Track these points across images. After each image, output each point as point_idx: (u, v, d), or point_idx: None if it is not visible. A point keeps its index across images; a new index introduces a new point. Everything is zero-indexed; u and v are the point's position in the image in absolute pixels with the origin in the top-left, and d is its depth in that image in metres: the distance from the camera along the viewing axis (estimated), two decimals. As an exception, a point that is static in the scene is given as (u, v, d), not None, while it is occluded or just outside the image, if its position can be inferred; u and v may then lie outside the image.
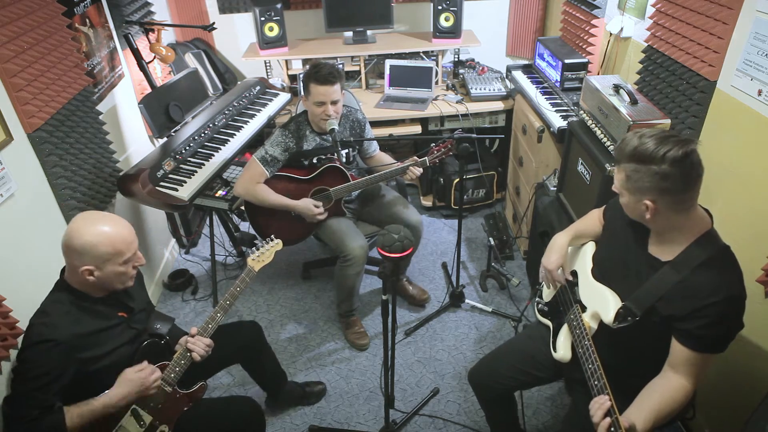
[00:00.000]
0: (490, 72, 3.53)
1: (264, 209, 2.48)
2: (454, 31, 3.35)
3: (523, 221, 3.01)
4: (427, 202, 3.59)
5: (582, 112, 2.23)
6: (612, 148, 1.95)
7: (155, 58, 2.88)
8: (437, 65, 3.53)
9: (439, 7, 3.30)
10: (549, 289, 1.81)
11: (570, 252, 1.74)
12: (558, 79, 2.76)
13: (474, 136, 2.44)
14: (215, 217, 3.02)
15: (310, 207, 2.42)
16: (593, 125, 2.14)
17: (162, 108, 2.69)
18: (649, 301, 1.36)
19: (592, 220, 1.73)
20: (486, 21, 3.67)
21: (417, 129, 3.26)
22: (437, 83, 3.53)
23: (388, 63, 3.40)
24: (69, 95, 2.18)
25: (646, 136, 1.27)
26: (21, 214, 1.84)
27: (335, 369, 2.51)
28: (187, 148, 2.64)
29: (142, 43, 2.89)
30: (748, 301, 1.32)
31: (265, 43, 3.32)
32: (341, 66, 3.48)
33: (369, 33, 3.47)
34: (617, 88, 2.04)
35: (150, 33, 2.86)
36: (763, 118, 1.64)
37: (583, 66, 2.70)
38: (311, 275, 3.08)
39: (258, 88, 3.28)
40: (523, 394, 2.13)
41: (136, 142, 2.90)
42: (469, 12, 3.49)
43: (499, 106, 3.27)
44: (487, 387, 1.84)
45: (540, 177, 2.71)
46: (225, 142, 2.81)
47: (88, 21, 2.48)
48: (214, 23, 3.00)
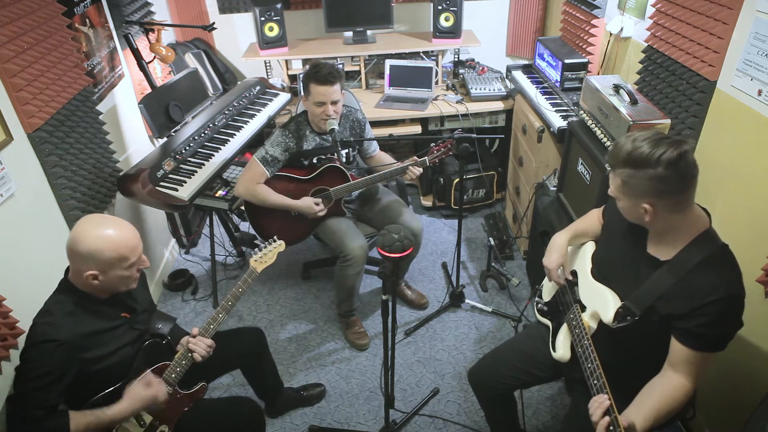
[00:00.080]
0: (490, 72, 3.53)
1: (264, 209, 2.48)
2: (454, 31, 3.35)
3: (523, 221, 3.01)
4: (427, 202, 3.59)
5: (582, 112, 2.24)
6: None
7: (155, 58, 2.88)
8: (437, 65, 3.53)
9: (439, 7, 3.30)
10: (549, 289, 1.81)
11: (570, 252, 1.74)
12: (558, 79, 2.76)
13: (474, 136, 2.44)
14: (215, 217, 3.02)
15: (310, 205, 2.43)
16: (593, 125, 2.14)
17: (162, 108, 2.69)
18: (649, 301, 1.37)
19: (591, 219, 1.73)
20: (486, 21, 3.67)
21: (417, 129, 3.27)
22: (437, 83, 3.53)
23: (388, 63, 3.40)
24: (69, 95, 2.18)
25: (639, 139, 1.27)
26: (21, 214, 1.84)
27: (335, 369, 2.51)
28: (187, 148, 2.64)
29: (142, 43, 2.89)
30: (748, 301, 1.32)
31: (265, 43, 3.32)
32: (341, 66, 3.48)
33: (369, 33, 3.47)
34: (617, 88, 2.04)
35: (150, 33, 2.86)
36: (763, 118, 1.64)
37: (583, 66, 2.70)
38: (311, 275, 3.08)
39: (258, 88, 3.28)
40: (523, 393, 2.13)
41: (136, 142, 2.90)
42: (469, 12, 3.49)
43: (499, 106, 3.27)
44: (487, 387, 1.84)
45: (540, 177, 2.71)
46: (225, 142, 2.81)
47: (88, 21, 2.48)
48: (214, 23, 3.00)
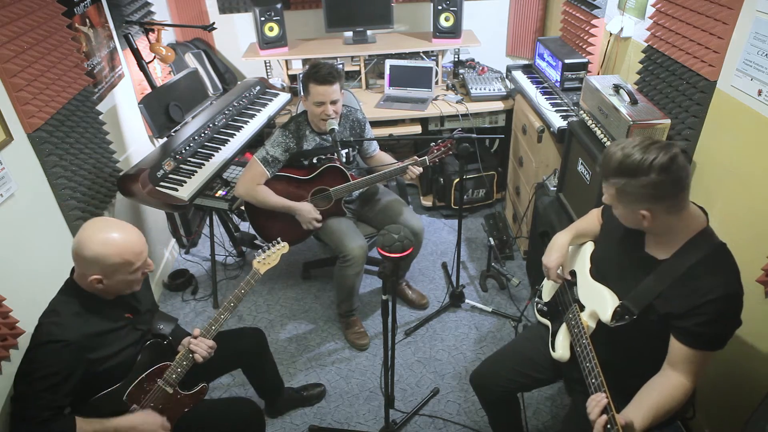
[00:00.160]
0: (490, 72, 3.53)
1: (264, 209, 2.48)
2: (454, 31, 3.35)
3: (523, 221, 3.00)
4: (427, 202, 3.59)
5: (582, 112, 2.23)
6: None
7: (155, 58, 2.88)
8: (437, 65, 3.53)
9: (439, 7, 3.30)
10: (548, 289, 1.81)
11: (570, 251, 1.74)
12: (558, 79, 2.76)
13: (474, 136, 2.44)
14: (215, 217, 3.02)
15: (309, 211, 2.42)
16: (593, 125, 2.14)
17: (162, 108, 2.69)
18: (646, 300, 1.37)
19: (591, 219, 1.74)
20: (486, 21, 3.67)
21: (417, 129, 3.26)
22: (437, 83, 3.53)
23: (388, 63, 3.40)
24: (69, 95, 2.18)
25: (628, 147, 1.27)
26: (21, 214, 1.84)
27: (335, 369, 2.51)
28: (187, 148, 2.64)
29: (142, 43, 2.89)
30: (747, 301, 1.32)
31: (265, 43, 3.32)
32: (341, 66, 3.48)
33: (369, 33, 3.47)
34: (617, 88, 2.04)
35: (150, 33, 2.86)
36: (763, 118, 1.64)
37: (583, 66, 2.70)
38: (311, 275, 3.08)
39: (258, 88, 3.28)
40: (524, 395, 2.13)
41: (136, 142, 2.90)
42: (469, 12, 3.49)
43: (499, 106, 3.27)
44: (488, 389, 1.84)
45: (540, 177, 2.71)
46: (225, 142, 2.81)
47: (88, 21, 2.48)
48: (214, 23, 3.00)
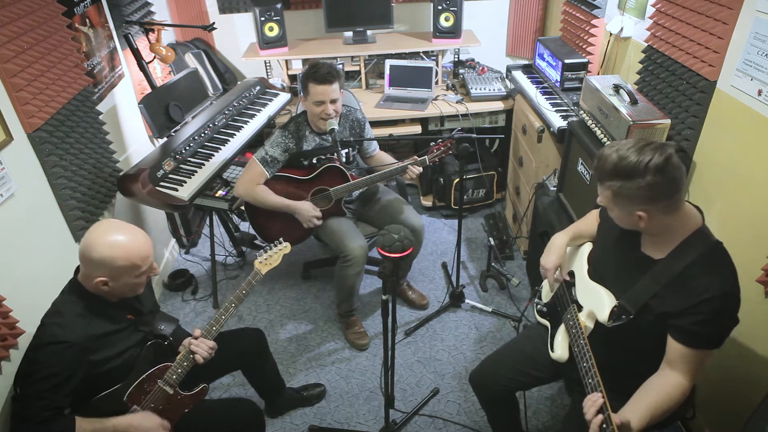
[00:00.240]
0: (490, 72, 3.53)
1: (264, 209, 2.48)
2: (454, 31, 3.35)
3: (523, 221, 3.00)
4: (427, 202, 3.59)
5: (582, 112, 2.23)
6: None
7: (155, 58, 2.88)
8: (437, 65, 3.53)
9: (439, 7, 3.30)
10: (547, 290, 1.81)
11: (568, 252, 1.75)
12: (558, 79, 2.76)
13: (474, 136, 2.44)
14: (215, 217, 3.02)
15: (308, 209, 2.42)
16: (593, 125, 2.14)
17: (162, 108, 2.69)
18: (643, 299, 1.37)
19: (590, 220, 1.74)
20: (486, 21, 3.67)
21: (417, 129, 3.26)
22: (437, 83, 3.53)
23: (388, 63, 3.40)
24: (69, 95, 2.18)
25: (622, 149, 1.28)
26: (21, 214, 1.84)
27: (335, 369, 2.51)
28: (187, 148, 2.64)
29: (142, 43, 2.89)
30: (747, 302, 1.32)
31: (265, 43, 3.32)
32: (341, 66, 3.48)
33: (369, 33, 3.47)
34: (617, 88, 2.04)
35: (150, 33, 2.86)
36: (763, 118, 1.64)
37: (583, 66, 2.70)
38: (311, 275, 3.08)
39: (258, 88, 3.28)
40: (525, 394, 2.13)
41: (136, 142, 2.90)
42: (469, 12, 3.49)
43: (499, 106, 3.27)
44: (488, 388, 1.84)
45: (540, 177, 2.71)
46: (225, 142, 2.81)
47: (88, 21, 2.48)
48: (214, 23, 3.00)
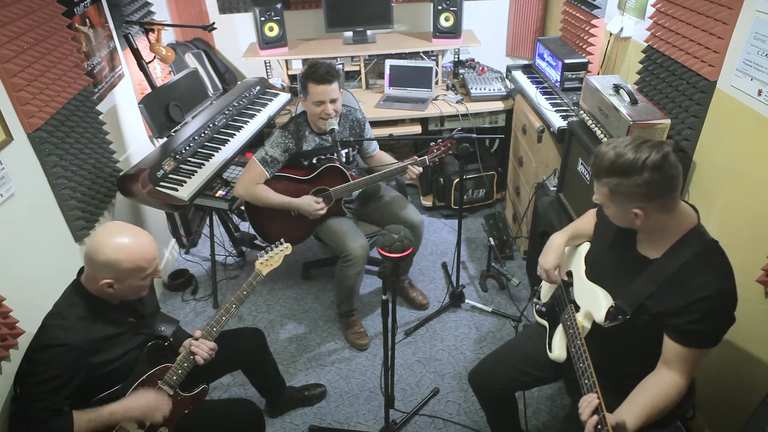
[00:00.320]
0: (490, 72, 3.53)
1: (264, 209, 2.48)
2: (454, 31, 3.35)
3: (523, 221, 3.00)
4: (427, 202, 3.59)
5: (582, 112, 2.23)
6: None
7: (155, 58, 2.88)
8: (437, 65, 3.53)
9: (439, 7, 3.30)
10: (546, 290, 1.81)
11: (567, 252, 1.74)
12: (558, 79, 2.76)
13: (474, 136, 2.44)
14: (215, 217, 3.02)
15: (310, 203, 2.42)
16: (593, 125, 2.14)
17: (162, 108, 2.69)
18: (639, 299, 1.37)
19: (588, 219, 1.73)
20: (486, 21, 3.67)
21: (417, 129, 3.26)
22: (437, 83, 3.53)
23: (388, 63, 3.40)
24: (69, 95, 2.18)
25: (620, 146, 1.28)
26: (21, 214, 1.84)
27: (335, 369, 2.51)
28: (187, 148, 2.64)
29: (142, 43, 2.89)
30: (747, 301, 1.32)
31: (265, 43, 3.32)
32: (341, 66, 3.48)
33: (369, 33, 3.47)
34: (617, 88, 2.04)
35: (150, 33, 2.86)
36: (763, 118, 1.64)
37: (583, 66, 2.70)
38: (311, 275, 3.08)
39: (258, 88, 3.28)
40: (525, 394, 2.13)
41: (136, 142, 2.90)
42: (469, 12, 3.49)
43: (499, 106, 3.27)
44: (487, 388, 1.84)
45: (540, 177, 2.71)
46: (225, 142, 2.81)
47: (88, 21, 2.48)
48: (214, 23, 3.00)
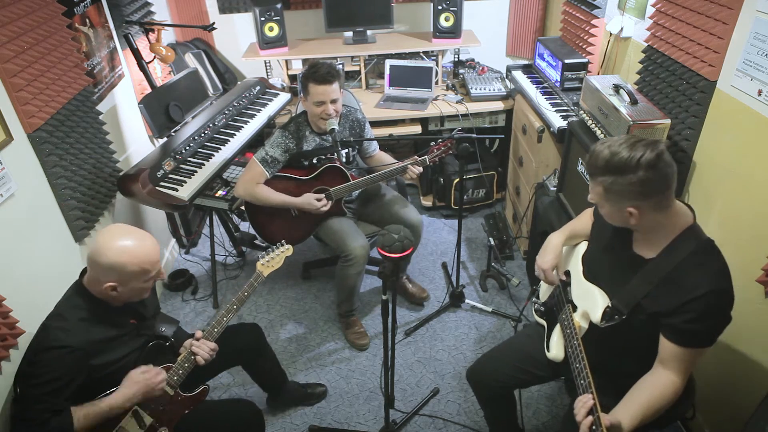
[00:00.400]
0: (490, 72, 3.53)
1: (264, 209, 2.48)
2: (454, 31, 3.35)
3: (523, 221, 3.00)
4: (427, 202, 3.59)
5: (582, 112, 2.23)
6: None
7: (155, 58, 2.88)
8: (437, 65, 3.53)
9: (439, 7, 3.30)
10: (545, 289, 1.81)
11: (565, 252, 1.74)
12: (558, 79, 2.76)
13: (474, 136, 2.44)
14: (215, 217, 3.02)
15: (311, 201, 2.42)
16: (593, 125, 2.14)
17: (162, 108, 2.69)
18: (635, 300, 1.37)
19: (585, 219, 1.73)
20: (486, 21, 3.67)
21: (417, 129, 3.27)
22: (437, 83, 3.53)
23: (388, 63, 3.40)
24: (69, 95, 2.18)
25: (614, 145, 1.28)
26: (21, 214, 1.84)
27: (335, 369, 2.51)
28: (187, 148, 2.64)
29: (142, 43, 2.89)
30: (747, 301, 1.32)
31: (265, 43, 3.32)
32: (341, 66, 3.48)
33: (369, 33, 3.47)
34: (617, 88, 2.04)
35: (150, 33, 2.86)
36: (763, 118, 1.64)
37: (583, 66, 2.70)
38: (311, 275, 3.08)
39: (258, 88, 3.28)
40: (523, 393, 2.13)
41: (136, 142, 2.90)
42: (469, 12, 3.49)
43: (499, 106, 3.27)
44: (486, 385, 1.84)
45: (540, 177, 2.71)
46: (225, 142, 2.81)
47: (88, 21, 2.48)
48: (214, 23, 3.00)
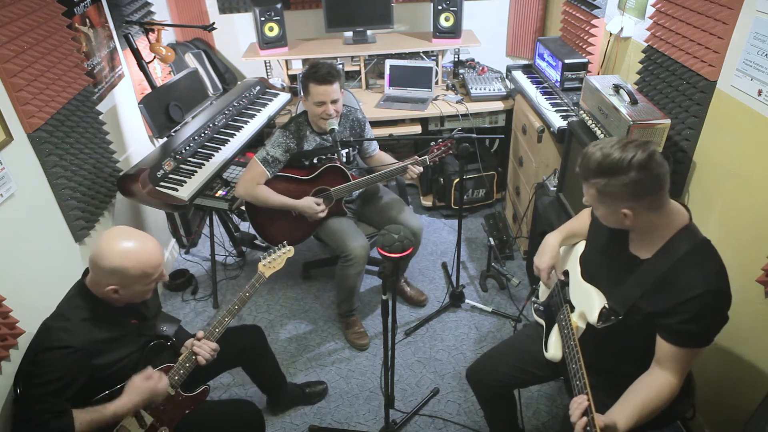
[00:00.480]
0: (490, 72, 3.53)
1: (265, 209, 2.48)
2: (454, 31, 3.35)
3: (523, 221, 3.01)
4: (427, 202, 3.59)
5: (582, 112, 2.24)
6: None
7: (155, 58, 2.88)
8: (437, 65, 3.53)
9: (439, 7, 3.30)
10: (544, 289, 1.81)
11: (563, 252, 1.74)
12: (558, 79, 2.76)
13: (474, 136, 2.44)
14: (215, 217, 3.02)
15: (311, 205, 2.42)
16: (593, 125, 2.14)
17: (162, 108, 2.69)
18: (631, 300, 1.37)
19: (583, 218, 1.73)
20: (486, 21, 3.67)
21: (417, 129, 3.27)
22: (437, 83, 3.53)
23: (388, 63, 3.40)
24: (69, 95, 2.18)
25: (606, 147, 1.28)
26: (21, 214, 1.84)
27: (335, 369, 2.51)
28: (187, 148, 2.64)
29: (142, 43, 2.89)
30: (747, 302, 1.32)
31: (265, 43, 3.32)
32: (341, 66, 3.48)
33: (369, 33, 3.47)
34: (617, 88, 2.04)
35: (150, 33, 2.86)
36: (763, 118, 1.64)
37: (583, 66, 2.70)
38: (311, 275, 3.08)
39: (258, 88, 3.28)
40: (523, 393, 2.13)
41: (136, 142, 2.90)
42: (469, 12, 3.49)
43: (499, 106, 3.27)
44: (486, 385, 1.84)
45: (540, 177, 2.71)
46: (225, 142, 2.81)
47: (88, 21, 2.48)
48: (214, 23, 3.00)
